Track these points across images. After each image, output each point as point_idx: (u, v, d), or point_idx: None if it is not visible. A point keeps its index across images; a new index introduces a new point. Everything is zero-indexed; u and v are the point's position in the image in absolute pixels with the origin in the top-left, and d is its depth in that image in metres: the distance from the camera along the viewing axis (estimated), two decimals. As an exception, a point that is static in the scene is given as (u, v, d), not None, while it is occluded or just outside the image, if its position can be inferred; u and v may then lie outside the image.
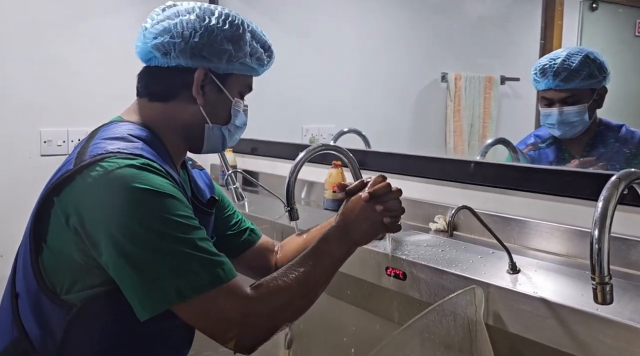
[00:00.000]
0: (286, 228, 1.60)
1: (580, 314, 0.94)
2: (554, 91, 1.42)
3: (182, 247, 0.84)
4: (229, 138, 1.07)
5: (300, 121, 2.31)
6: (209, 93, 1.01)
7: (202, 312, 0.84)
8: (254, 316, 0.87)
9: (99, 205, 0.85)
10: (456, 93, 2.53)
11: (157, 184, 0.86)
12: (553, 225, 1.18)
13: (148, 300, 0.83)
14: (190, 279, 0.83)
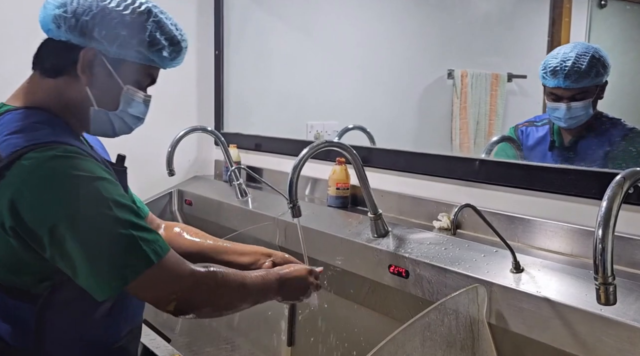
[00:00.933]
0: (289, 225, 1.60)
1: (583, 314, 0.93)
2: (564, 89, 1.46)
3: (123, 229, 0.88)
4: (119, 125, 1.04)
5: (305, 118, 2.30)
6: (97, 75, 0.98)
7: (144, 287, 0.90)
8: (192, 285, 0.94)
9: (35, 203, 0.86)
10: (462, 91, 2.51)
11: (88, 169, 0.89)
12: (557, 223, 1.17)
13: (102, 284, 0.87)
14: (135, 259, 0.88)
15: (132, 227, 0.89)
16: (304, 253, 1.31)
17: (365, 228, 1.41)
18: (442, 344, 1.05)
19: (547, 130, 1.59)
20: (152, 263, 0.89)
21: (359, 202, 1.63)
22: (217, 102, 2.32)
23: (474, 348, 1.09)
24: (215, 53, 2.30)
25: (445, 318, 1.06)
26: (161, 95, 2.25)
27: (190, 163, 2.27)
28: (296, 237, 1.48)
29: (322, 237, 1.47)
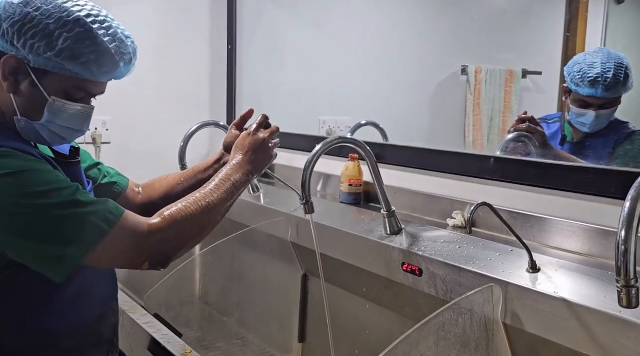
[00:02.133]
0: (302, 221, 1.59)
1: (602, 316, 0.92)
2: (597, 98, 1.47)
3: (65, 211, 0.89)
4: (48, 135, 0.99)
5: (317, 113, 2.29)
6: (22, 85, 0.95)
7: (109, 256, 0.92)
8: (159, 241, 0.95)
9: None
10: (476, 87, 2.49)
11: (15, 166, 0.88)
12: (575, 223, 1.15)
13: (57, 267, 0.88)
14: (85, 234, 0.89)
15: (74, 206, 0.89)
16: (316, 249, 1.30)
17: (378, 225, 1.40)
18: (456, 344, 1.04)
19: (558, 127, 1.61)
20: (106, 231, 0.90)
21: (372, 199, 1.61)
22: (230, 96, 2.31)
23: (488, 348, 1.07)
24: (228, 47, 2.30)
25: (460, 318, 1.04)
26: (174, 90, 2.27)
27: (202, 158, 2.27)
28: (308, 233, 1.48)
29: (334, 233, 1.46)
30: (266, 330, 1.73)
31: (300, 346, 1.69)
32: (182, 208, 0.99)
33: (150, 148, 2.22)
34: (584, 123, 1.50)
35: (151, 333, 1.28)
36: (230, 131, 1.28)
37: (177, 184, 1.27)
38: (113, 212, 0.92)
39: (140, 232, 0.93)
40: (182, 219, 0.97)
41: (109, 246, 0.90)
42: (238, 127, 1.27)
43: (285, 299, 1.70)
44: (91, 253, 0.89)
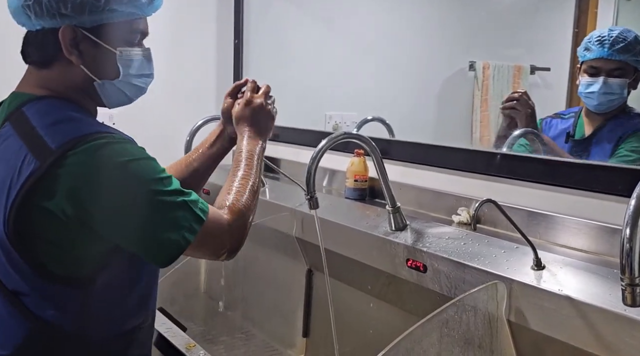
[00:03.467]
0: (307, 216, 1.59)
1: (607, 314, 0.91)
2: (605, 60, 1.47)
3: (177, 198, 0.92)
4: (129, 89, 1.02)
5: (324, 108, 2.29)
6: (86, 51, 0.96)
7: (203, 244, 0.95)
8: (236, 233, 0.99)
9: (95, 190, 0.87)
10: (484, 83, 2.47)
11: (135, 153, 0.92)
12: (581, 220, 1.14)
13: (166, 252, 0.92)
14: (190, 221, 0.92)
15: (181, 194, 0.93)
16: (320, 245, 1.30)
17: (383, 221, 1.39)
18: (459, 341, 1.04)
19: (570, 124, 1.59)
20: (203, 220, 0.93)
21: (377, 195, 1.61)
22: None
23: (492, 345, 1.07)
24: (234, 42, 2.30)
25: (464, 315, 1.04)
26: (180, 84, 2.28)
27: (208, 153, 2.27)
28: (313, 228, 1.47)
29: (339, 229, 1.46)
30: (270, 324, 1.74)
31: (304, 341, 1.69)
32: (239, 197, 1.02)
33: (156, 143, 2.20)
34: (592, 93, 1.48)
35: (155, 326, 1.28)
36: (226, 100, 1.27)
37: (185, 167, 1.28)
38: (203, 203, 0.96)
39: (222, 223, 0.97)
40: (245, 208, 1.01)
41: (204, 235, 0.93)
42: (232, 95, 1.26)
43: (290, 294, 1.71)
44: (194, 241, 0.92)
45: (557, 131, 1.62)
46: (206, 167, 1.28)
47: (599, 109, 1.50)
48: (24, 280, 0.90)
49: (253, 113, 1.17)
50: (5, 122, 0.95)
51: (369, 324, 1.46)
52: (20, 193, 0.87)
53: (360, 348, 1.47)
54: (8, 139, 0.93)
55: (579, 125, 1.57)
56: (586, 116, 1.57)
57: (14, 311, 0.91)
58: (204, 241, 0.94)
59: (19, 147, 0.90)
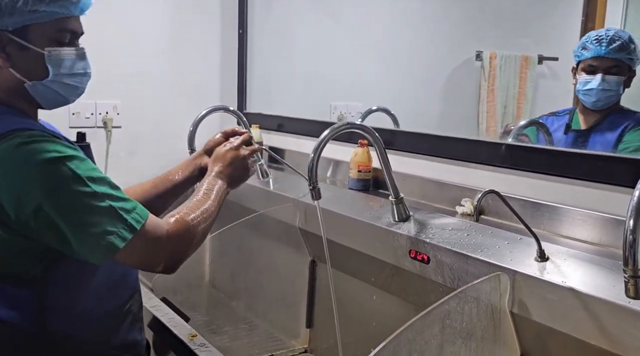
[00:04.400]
0: (310, 206, 1.58)
1: (611, 306, 0.90)
2: (602, 59, 1.52)
3: (102, 202, 0.90)
4: (63, 89, 1.00)
5: (328, 98, 2.28)
6: (13, 53, 0.95)
7: (134, 254, 0.93)
8: (174, 245, 0.97)
9: (13, 190, 0.87)
10: (491, 73, 2.45)
11: (56, 150, 0.89)
12: (585, 211, 1.12)
13: (94, 255, 0.91)
14: (120, 229, 0.90)
15: (110, 199, 0.91)
16: (323, 236, 1.29)
17: (386, 212, 1.39)
18: (461, 332, 1.03)
19: (567, 118, 1.64)
20: (135, 230, 0.91)
21: (381, 185, 1.60)
22: (240, 81, 2.31)
23: (494, 336, 1.06)
24: (239, 32, 2.28)
25: (466, 306, 1.03)
26: (184, 74, 2.27)
27: (212, 143, 2.27)
28: (316, 219, 1.46)
29: (342, 220, 1.46)
30: (274, 315, 1.74)
31: (307, 331, 1.69)
32: (189, 212, 1.00)
33: (160, 132, 2.22)
34: (590, 91, 1.53)
35: (158, 316, 1.29)
36: (215, 137, 1.27)
37: (151, 188, 1.26)
38: (140, 212, 0.93)
39: (160, 234, 0.95)
40: (193, 223, 0.99)
41: (135, 245, 0.91)
42: (226, 135, 1.27)
43: (293, 284, 1.71)
44: (122, 250, 0.90)
45: (554, 127, 1.66)
46: (171, 194, 1.26)
47: (597, 106, 1.55)
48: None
49: (233, 160, 1.17)
50: None
51: (372, 315, 1.45)
52: None
53: (363, 339, 1.47)
54: None
55: (575, 120, 1.61)
56: (582, 113, 1.60)
57: None
58: (137, 250, 0.92)
59: None
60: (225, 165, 1.15)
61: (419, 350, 0.97)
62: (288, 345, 1.68)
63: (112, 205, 0.90)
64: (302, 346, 1.68)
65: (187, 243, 0.99)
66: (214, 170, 1.14)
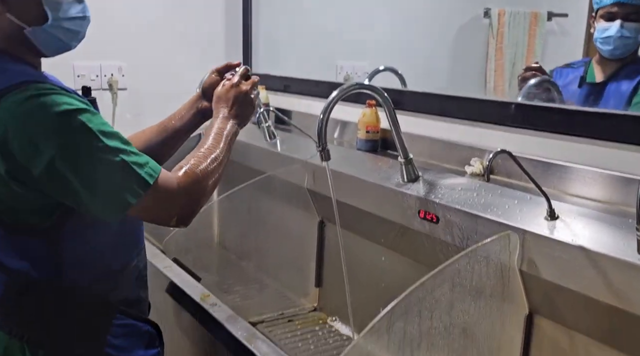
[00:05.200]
0: (318, 168, 1.59)
1: (620, 263, 0.91)
2: (622, 5, 1.50)
3: (116, 157, 0.89)
4: (64, 34, 0.98)
5: (335, 58, 2.25)
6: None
7: (147, 209, 0.93)
8: (185, 198, 0.96)
9: (24, 144, 0.86)
10: (499, 30, 2.41)
11: (67, 102, 0.88)
12: (597, 170, 1.12)
13: (107, 210, 0.91)
14: (133, 184, 0.90)
15: (123, 153, 0.90)
16: (332, 197, 1.30)
17: (395, 172, 1.39)
18: (471, 290, 1.05)
19: (582, 71, 1.61)
20: (149, 185, 0.90)
21: (389, 146, 1.60)
22: (246, 41, 2.27)
23: (503, 294, 1.08)
24: (243, -11, 2.24)
25: (476, 265, 1.05)
26: (189, 34, 2.24)
27: (218, 105, 2.26)
28: (325, 180, 1.47)
29: (351, 180, 1.46)
30: (283, 274, 1.77)
31: (316, 290, 1.72)
32: (198, 163, 0.99)
33: (166, 93, 2.19)
34: (608, 38, 1.51)
35: (170, 277, 1.31)
36: (211, 76, 1.24)
37: (155, 135, 1.25)
38: (152, 166, 0.93)
39: (172, 188, 0.94)
40: (203, 174, 0.98)
41: (149, 200, 0.91)
42: (220, 73, 1.24)
43: (302, 245, 1.73)
44: (136, 204, 0.90)
45: (567, 79, 1.64)
46: (176, 139, 1.25)
47: (614, 54, 1.52)
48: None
49: (236, 98, 1.13)
50: None
51: (381, 274, 1.47)
52: None
53: (372, 298, 1.50)
54: None
55: (590, 72, 1.59)
56: (598, 64, 1.58)
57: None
58: (150, 205, 0.92)
59: None
60: (230, 105, 1.12)
61: (429, 308, 0.99)
62: (298, 303, 1.71)
63: (125, 160, 0.89)
64: (312, 304, 1.71)
65: (198, 194, 0.97)
66: (220, 113, 1.11)
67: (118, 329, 1.02)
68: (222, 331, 1.12)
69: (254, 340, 1.07)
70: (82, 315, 1.00)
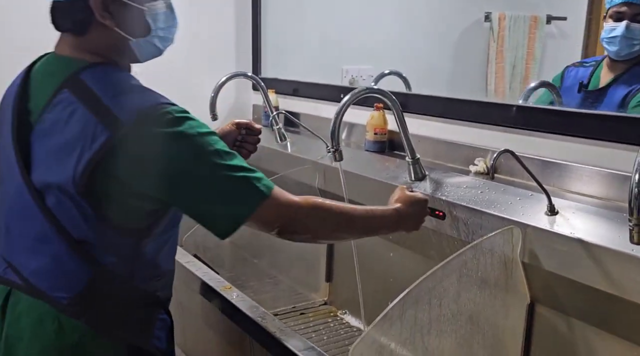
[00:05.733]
0: (328, 168, 1.66)
1: (615, 254, 0.98)
2: (630, 5, 1.51)
3: (238, 173, 0.98)
4: (160, 42, 1.08)
5: (340, 62, 2.31)
6: (116, 12, 1.00)
7: (259, 219, 1.00)
8: (293, 212, 1.03)
9: (160, 161, 0.95)
10: (500, 34, 2.48)
11: (199, 126, 0.97)
12: (593, 168, 1.20)
13: (224, 225, 0.99)
14: (251, 196, 0.98)
15: (243, 170, 0.98)
16: (345, 195, 1.37)
17: (402, 172, 1.46)
18: (477, 280, 1.12)
19: (592, 70, 1.62)
20: (266, 196, 0.98)
21: (396, 147, 1.67)
22: (255, 47, 2.34)
23: (507, 284, 1.15)
24: (252, -3, 2.31)
25: (481, 257, 1.12)
26: (201, 42, 2.31)
27: (229, 107, 2.33)
28: (335, 179, 1.54)
29: (361, 180, 1.53)
30: (295, 270, 1.84)
31: (327, 285, 1.79)
32: (326, 201, 1.07)
33: (180, 99, 2.25)
34: (613, 38, 1.52)
35: (193, 270, 1.38)
36: (230, 126, 1.39)
37: None
38: (267, 183, 1.01)
39: (284, 202, 1.02)
40: (322, 209, 1.06)
41: (262, 210, 0.98)
42: (238, 126, 1.39)
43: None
44: (252, 215, 0.98)
45: (574, 79, 1.66)
46: None
47: (619, 55, 1.54)
48: (90, 230, 0.98)
49: (419, 212, 1.19)
50: (62, 88, 0.98)
51: (390, 268, 1.54)
52: (94, 159, 0.93)
53: (382, 291, 1.57)
54: (71, 106, 0.97)
55: (595, 75, 1.60)
56: (607, 65, 1.59)
57: (79, 259, 0.99)
58: (261, 215, 0.99)
59: (87, 117, 0.95)
60: (408, 208, 1.17)
61: (439, 296, 1.06)
62: (309, 297, 1.78)
63: (246, 175, 0.98)
64: (322, 298, 1.78)
65: (308, 220, 1.04)
66: (396, 205, 1.17)
67: (160, 323, 1.10)
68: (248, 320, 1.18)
69: (278, 328, 1.14)
70: (142, 310, 1.08)
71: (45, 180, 0.98)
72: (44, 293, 0.99)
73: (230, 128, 1.39)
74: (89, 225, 0.98)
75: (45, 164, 0.99)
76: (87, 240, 0.99)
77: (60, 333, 0.99)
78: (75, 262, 0.99)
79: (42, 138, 1.00)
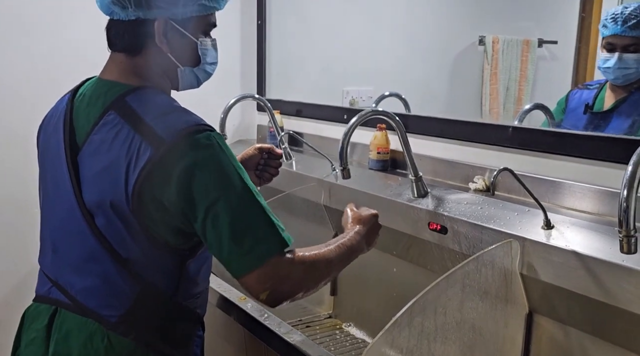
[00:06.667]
0: (333, 185, 1.73)
1: (607, 264, 1.05)
2: (619, 37, 1.55)
3: (264, 213, 0.99)
4: (202, 75, 1.14)
5: (341, 84, 2.39)
6: (172, 40, 1.06)
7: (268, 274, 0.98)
8: (290, 278, 1.01)
9: (201, 182, 0.96)
10: (493, 57, 2.57)
11: (233, 155, 1.02)
12: (586, 186, 1.27)
13: (241, 263, 0.98)
14: (273, 239, 0.99)
15: (269, 212, 1.00)
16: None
17: (405, 189, 1.53)
18: (479, 291, 1.19)
19: (595, 93, 1.67)
20: (286, 245, 0.99)
21: (398, 165, 1.75)
22: (260, 69, 2.42)
23: (507, 294, 1.22)
24: (257, 23, 2.39)
25: (483, 269, 1.19)
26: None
27: (234, 128, 2.40)
28: (340, 196, 1.61)
29: (366, 197, 1.60)
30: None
31: (331, 299, 1.85)
32: (311, 255, 1.05)
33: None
34: (608, 68, 1.57)
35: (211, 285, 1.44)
36: (253, 150, 1.45)
37: None
38: (288, 235, 1.00)
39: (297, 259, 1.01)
40: (310, 264, 1.04)
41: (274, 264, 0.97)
42: (261, 151, 1.46)
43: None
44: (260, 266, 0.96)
45: (579, 102, 1.70)
46: None
47: (617, 83, 1.59)
48: (139, 248, 1.01)
49: (375, 226, 1.23)
50: (109, 110, 1.04)
51: (393, 281, 1.60)
52: (140, 176, 0.97)
53: (385, 303, 1.63)
54: (117, 127, 1.01)
55: (600, 98, 1.64)
56: (610, 88, 1.64)
57: (127, 277, 1.02)
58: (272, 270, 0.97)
59: (132, 136, 0.99)
60: (367, 229, 1.20)
61: (443, 305, 1.12)
62: (314, 311, 1.84)
63: (271, 218, 0.99)
64: (327, 312, 1.84)
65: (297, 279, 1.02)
66: (356, 229, 1.19)
67: (198, 339, 1.15)
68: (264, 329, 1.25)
69: (293, 335, 1.20)
70: (184, 326, 1.11)
71: (96, 200, 1.01)
72: (92, 311, 1.02)
73: (253, 153, 1.45)
74: (137, 244, 1.01)
75: (94, 184, 1.02)
76: (134, 258, 1.02)
77: (110, 350, 1.01)
78: (124, 280, 1.02)
79: (90, 158, 1.03)
